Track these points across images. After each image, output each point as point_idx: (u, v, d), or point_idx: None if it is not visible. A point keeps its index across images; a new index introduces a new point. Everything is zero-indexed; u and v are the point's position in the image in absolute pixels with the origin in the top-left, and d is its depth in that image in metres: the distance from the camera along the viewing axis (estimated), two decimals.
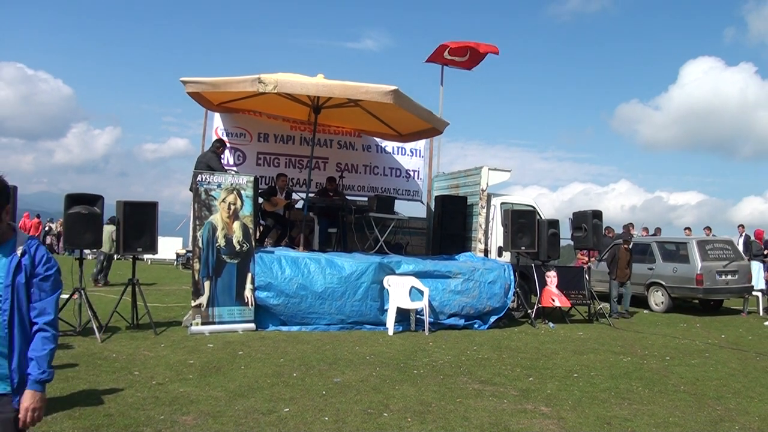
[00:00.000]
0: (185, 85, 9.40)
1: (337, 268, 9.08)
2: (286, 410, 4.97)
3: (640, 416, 5.24)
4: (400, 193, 13.26)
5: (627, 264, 12.42)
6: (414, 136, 12.21)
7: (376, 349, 7.75)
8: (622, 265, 12.32)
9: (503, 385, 6.13)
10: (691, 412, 5.45)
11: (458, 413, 5.09)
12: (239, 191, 8.86)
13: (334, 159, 12.87)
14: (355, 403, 5.28)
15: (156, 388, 5.45)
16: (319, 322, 8.93)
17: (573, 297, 11.27)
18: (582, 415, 5.19)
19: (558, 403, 5.53)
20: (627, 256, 12.44)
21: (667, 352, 8.42)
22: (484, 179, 11.37)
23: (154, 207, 8.58)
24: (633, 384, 6.40)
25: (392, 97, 8.69)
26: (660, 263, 13.69)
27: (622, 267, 12.34)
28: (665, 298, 13.46)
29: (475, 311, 9.90)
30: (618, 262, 12.33)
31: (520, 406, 5.41)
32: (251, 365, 6.53)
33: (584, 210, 11.93)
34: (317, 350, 7.43)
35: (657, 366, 7.46)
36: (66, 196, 7.77)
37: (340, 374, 6.25)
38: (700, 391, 6.21)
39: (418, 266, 9.70)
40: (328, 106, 10.64)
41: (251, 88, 8.65)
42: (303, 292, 8.77)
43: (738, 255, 13.59)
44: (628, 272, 12.45)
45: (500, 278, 10.17)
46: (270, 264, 8.83)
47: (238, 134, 12.07)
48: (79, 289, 7.95)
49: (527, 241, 10.79)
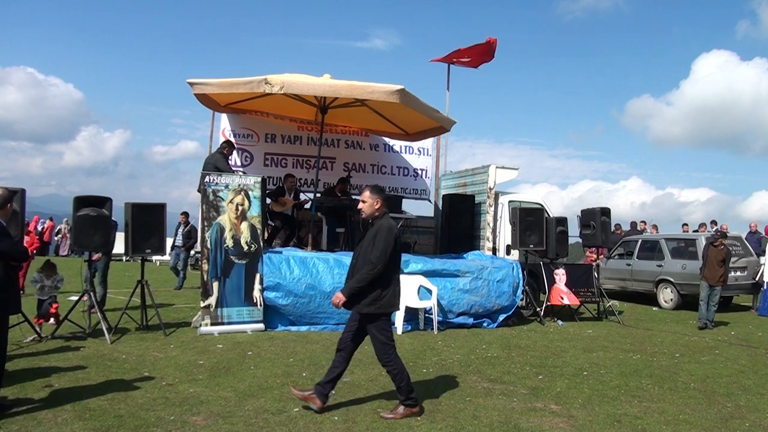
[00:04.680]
0: (192, 86, 9.41)
1: (345, 267, 8.84)
2: (296, 410, 4.97)
3: (651, 414, 5.22)
4: (408, 192, 13.27)
5: (720, 263, 10.59)
6: (421, 134, 12.18)
7: None
8: (710, 265, 10.67)
9: (513, 384, 6.12)
10: (701, 409, 5.42)
11: (468, 412, 5.08)
12: (247, 192, 8.87)
13: (342, 159, 12.89)
14: (365, 402, 5.27)
15: (166, 389, 5.46)
16: (328, 322, 8.92)
17: (582, 295, 11.22)
18: (592, 413, 5.17)
19: (568, 401, 5.51)
20: (717, 255, 10.64)
21: (677, 350, 8.38)
22: (492, 177, 11.33)
23: (162, 208, 8.59)
24: (643, 381, 6.37)
25: (398, 96, 8.69)
26: (669, 260, 13.61)
27: (711, 266, 10.66)
28: (674, 295, 13.37)
29: (483, 310, 9.87)
30: (706, 260, 10.80)
31: (529, 404, 5.39)
32: (261, 365, 6.53)
33: (592, 207, 11.87)
34: (326, 350, 7.41)
35: (667, 363, 7.43)
36: (74, 198, 7.79)
37: (349, 374, 6.18)
38: (711, 389, 6.18)
39: (426, 265, 9.68)
40: (335, 105, 10.63)
41: (258, 89, 8.65)
42: (311, 291, 8.76)
43: (747, 251, 13.49)
44: (720, 273, 10.58)
45: (509, 276, 10.14)
46: (278, 264, 8.83)
47: (245, 135, 12.11)
48: (88, 291, 7.99)
49: (535, 239, 10.76)
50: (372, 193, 5.08)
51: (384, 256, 4.81)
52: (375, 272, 4.79)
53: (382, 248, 4.82)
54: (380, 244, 4.83)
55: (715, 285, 10.65)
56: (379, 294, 4.88)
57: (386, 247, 4.83)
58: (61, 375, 5.85)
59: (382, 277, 4.87)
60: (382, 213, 5.07)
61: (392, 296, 4.95)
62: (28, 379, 5.64)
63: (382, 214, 5.07)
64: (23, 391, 5.27)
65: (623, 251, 15.21)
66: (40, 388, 5.38)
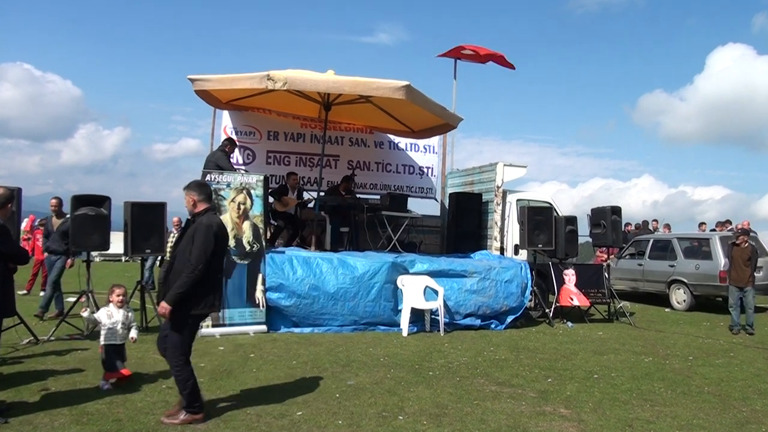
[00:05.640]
0: (193, 83, 9.40)
1: (349, 268, 8.99)
2: (299, 414, 4.92)
3: (663, 418, 5.14)
4: (414, 191, 13.16)
5: (746, 263, 10.05)
6: (427, 132, 12.14)
7: (390, 350, 7.68)
8: (736, 265, 10.17)
9: (521, 387, 6.05)
10: (715, 413, 5.34)
11: (475, 416, 5.02)
12: (249, 191, 8.82)
13: (346, 156, 12.82)
14: (370, 406, 5.22)
15: (165, 392, 5.38)
16: (332, 324, 8.86)
17: (592, 296, 11.09)
18: (603, 418, 5.10)
19: (578, 405, 5.44)
20: (742, 254, 10.09)
21: (690, 352, 8.27)
22: (500, 175, 11.24)
23: (162, 208, 8.52)
24: (655, 385, 6.29)
25: (404, 92, 8.63)
26: (682, 260, 13.41)
27: (737, 267, 10.16)
28: (687, 296, 13.17)
29: (491, 311, 9.78)
30: (732, 261, 10.31)
31: (538, 408, 5.33)
32: (263, 368, 6.48)
33: (603, 206, 11.75)
34: (330, 352, 7.37)
35: (680, 366, 7.33)
36: (72, 197, 7.74)
37: (354, 376, 6.19)
38: (725, 392, 6.09)
39: (432, 265, 9.60)
40: (339, 102, 10.58)
41: (260, 85, 8.63)
42: (315, 292, 8.70)
43: (763, 251, 13.27)
44: (747, 274, 10.05)
45: (517, 277, 10.04)
46: (281, 264, 8.77)
47: (247, 132, 12.05)
48: (87, 292, 7.90)
49: (544, 238, 10.64)
50: (185, 190, 4.88)
51: (203, 256, 4.57)
52: (195, 274, 4.54)
53: (200, 247, 4.57)
54: (198, 243, 4.59)
55: (745, 286, 10.13)
56: (198, 295, 4.62)
57: (205, 245, 4.59)
58: (58, 378, 5.78)
59: (202, 278, 4.60)
60: (203, 210, 4.82)
61: (212, 298, 4.73)
62: (23, 382, 5.56)
63: (203, 210, 4.82)
64: (19, 394, 5.19)
65: (634, 251, 15.04)
66: (36, 391, 5.30)
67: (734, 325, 10.18)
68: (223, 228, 4.83)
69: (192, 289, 4.55)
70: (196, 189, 4.86)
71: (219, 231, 4.73)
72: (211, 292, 4.73)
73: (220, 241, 4.73)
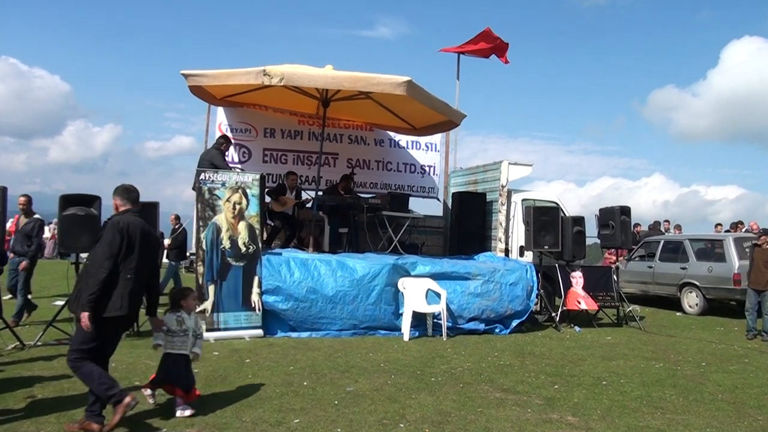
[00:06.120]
0: (187, 78, 9.32)
1: (348, 270, 8.89)
2: (296, 421, 4.85)
3: (675, 426, 5.06)
4: (415, 190, 13.09)
5: (765, 265, 9.75)
6: (429, 129, 12.10)
7: (390, 355, 7.61)
8: (756, 267, 9.87)
9: (527, 394, 5.98)
10: (729, 422, 5.22)
11: (479, 423, 4.96)
12: (244, 190, 8.72)
13: (345, 154, 12.75)
14: (370, 413, 5.15)
15: (158, 399, 5.27)
16: (331, 328, 8.77)
17: (600, 299, 10.95)
18: (612, 426, 5.02)
19: (586, 413, 5.36)
20: (763, 255, 9.78)
21: (703, 358, 8.17)
22: (504, 174, 11.15)
23: (154, 207, 8.38)
24: (666, 392, 6.21)
25: (405, 88, 8.57)
26: (694, 262, 13.20)
27: (757, 269, 9.85)
28: (700, 300, 12.95)
29: (495, 315, 9.67)
30: (752, 263, 10.02)
31: (545, 415, 5.26)
32: (259, 374, 6.41)
33: (611, 206, 11.64)
34: (329, 357, 7.31)
35: (692, 373, 7.24)
36: (60, 197, 7.60)
37: (353, 383, 6.13)
38: (740, 400, 6.00)
39: (434, 267, 9.50)
40: (338, 98, 10.52)
41: (256, 80, 8.56)
42: (313, 296, 8.60)
43: None
44: (766, 277, 9.75)
45: (522, 279, 9.94)
46: (278, 266, 8.67)
47: (242, 130, 11.97)
48: None
49: (550, 239, 10.57)
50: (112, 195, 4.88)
51: (108, 251, 4.47)
52: (102, 273, 4.43)
53: (106, 245, 4.49)
54: (104, 240, 4.53)
55: (763, 290, 9.79)
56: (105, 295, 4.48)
57: (111, 243, 4.48)
58: (45, 385, 5.69)
59: (110, 277, 4.48)
60: (123, 211, 4.79)
61: (118, 298, 4.56)
62: (8, 389, 5.47)
63: (122, 212, 4.79)
64: (3, 402, 5.11)
65: (644, 253, 14.89)
66: (21, 399, 5.22)
67: (750, 329, 9.95)
68: (137, 226, 4.70)
69: (103, 291, 4.43)
70: (120, 194, 4.86)
71: (129, 228, 4.61)
72: (119, 291, 4.56)
73: (130, 238, 4.59)
